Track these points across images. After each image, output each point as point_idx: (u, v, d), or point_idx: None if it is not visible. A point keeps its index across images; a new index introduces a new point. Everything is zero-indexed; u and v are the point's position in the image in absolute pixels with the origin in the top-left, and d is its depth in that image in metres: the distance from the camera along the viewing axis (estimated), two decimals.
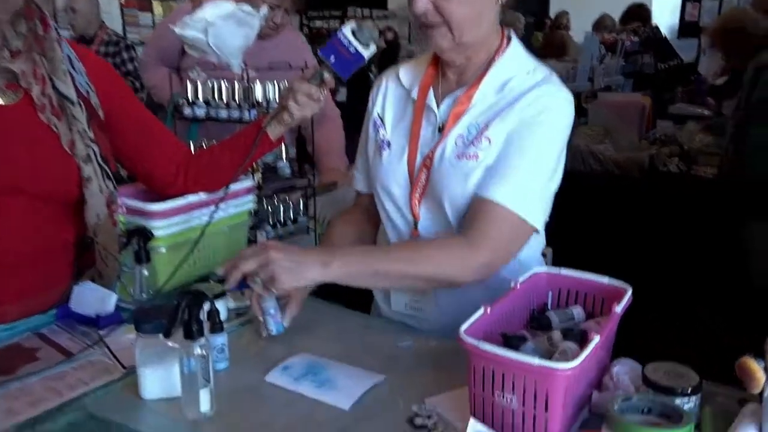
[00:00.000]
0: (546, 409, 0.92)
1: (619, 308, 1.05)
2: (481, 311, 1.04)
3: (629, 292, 1.11)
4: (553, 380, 0.90)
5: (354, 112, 2.09)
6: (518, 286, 1.15)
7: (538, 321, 1.16)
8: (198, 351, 1.02)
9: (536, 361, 0.90)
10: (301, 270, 1.16)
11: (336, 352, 1.25)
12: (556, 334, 1.02)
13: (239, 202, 1.62)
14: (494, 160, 1.28)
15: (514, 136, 1.28)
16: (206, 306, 1.08)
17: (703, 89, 4.51)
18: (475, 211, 1.27)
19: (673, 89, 4.69)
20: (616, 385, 1.04)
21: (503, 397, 0.95)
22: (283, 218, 1.88)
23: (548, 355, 0.99)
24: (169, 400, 1.09)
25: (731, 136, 3.22)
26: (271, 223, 1.83)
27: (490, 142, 1.28)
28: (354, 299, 1.48)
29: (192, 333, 1.02)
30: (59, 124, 1.26)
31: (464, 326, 0.99)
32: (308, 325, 1.38)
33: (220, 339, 1.19)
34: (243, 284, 1.20)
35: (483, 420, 0.98)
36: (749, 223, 2.94)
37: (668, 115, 4.17)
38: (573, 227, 1.50)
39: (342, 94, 7.06)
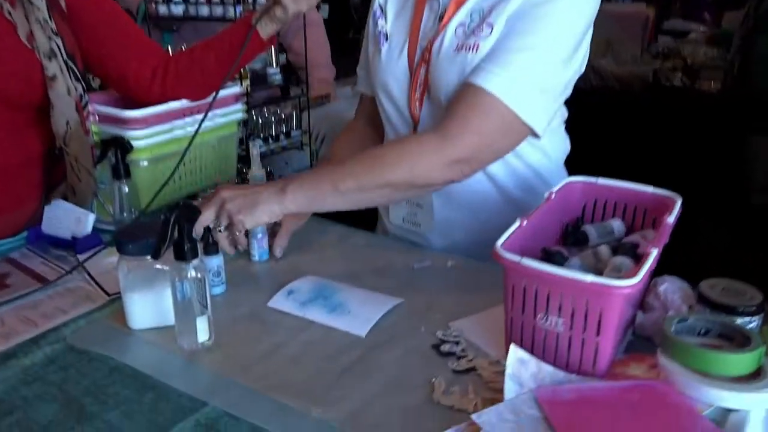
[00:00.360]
0: (598, 332, 0.80)
1: (671, 218, 0.93)
2: (516, 224, 0.91)
3: (679, 202, 0.98)
4: (609, 299, 0.78)
5: (335, 29, 1.89)
6: (554, 196, 1.02)
7: (573, 236, 1.03)
8: (192, 273, 0.89)
9: (589, 278, 0.77)
10: (257, 204, 1.02)
11: (346, 274, 1.12)
12: (604, 249, 0.90)
13: (227, 111, 1.45)
14: (493, 45, 1.08)
15: (518, 16, 1.06)
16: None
17: (702, 1, 4.30)
18: (459, 100, 1.07)
19: (669, 3, 4.45)
20: (665, 304, 0.92)
21: (547, 320, 0.83)
22: (275, 132, 1.72)
23: (596, 272, 0.87)
24: (161, 329, 0.96)
25: (737, 47, 3.08)
26: (261, 136, 1.67)
27: (492, 29, 1.09)
28: (358, 218, 1.34)
29: (184, 253, 0.87)
30: (14, 12, 1.07)
31: (500, 241, 0.86)
32: (312, 246, 1.24)
33: (216, 260, 1.05)
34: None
35: (522, 346, 0.86)
36: (752, 137, 2.85)
37: (662, 30, 3.96)
38: (572, 145, 1.34)
39: (324, 11, 6.70)
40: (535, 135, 1.10)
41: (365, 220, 1.39)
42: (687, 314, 0.87)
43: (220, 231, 1.03)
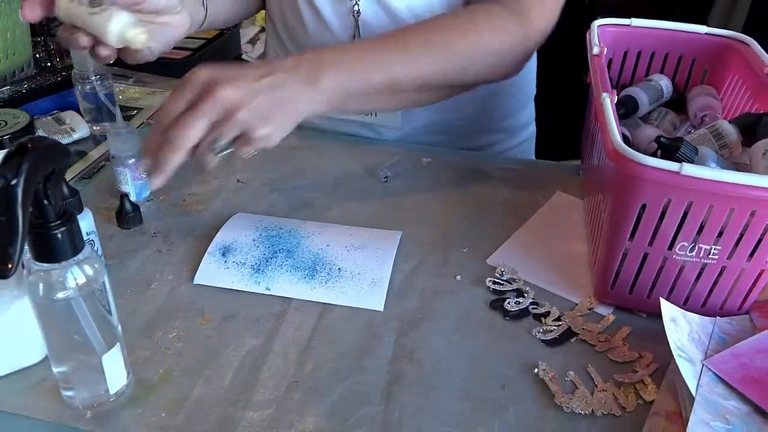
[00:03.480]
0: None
1: None
2: None
3: (756, 46, 0.72)
4: None
5: None
6: (605, 50, 0.69)
7: (622, 104, 0.74)
8: (77, 279, 0.44)
9: None
10: (285, 103, 0.57)
11: (292, 201, 0.72)
12: (726, 126, 0.61)
13: None
14: None
15: None
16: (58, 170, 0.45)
17: None
18: None
19: None
20: None
21: (694, 248, 0.54)
22: None
23: (724, 160, 0.59)
24: (23, 374, 0.51)
25: None
26: None
27: None
28: None
29: (57, 248, 0.42)
30: None
31: (614, 133, 0.53)
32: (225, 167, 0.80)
33: (84, 224, 0.58)
34: None
35: (634, 285, 0.58)
36: None
37: None
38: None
39: None
40: None
41: None
42: None
43: (222, 156, 0.57)
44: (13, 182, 0.37)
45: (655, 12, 0.91)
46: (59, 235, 0.41)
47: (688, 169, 0.49)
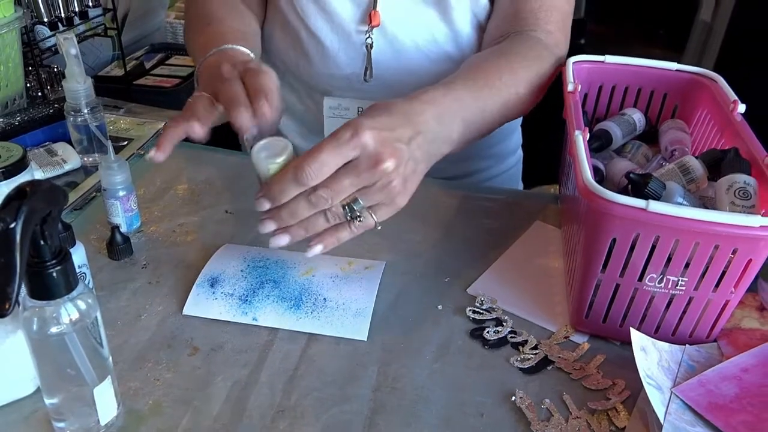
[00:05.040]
0: (735, 288, 0.57)
1: (741, 108, 0.69)
2: None
3: (722, 83, 0.75)
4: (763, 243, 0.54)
5: None
6: (579, 86, 0.72)
7: (597, 137, 0.77)
8: (71, 315, 0.46)
9: (756, 219, 0.51)
10: (419, 174, 0.60)
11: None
12: (692, 162, 0.64)
13: None
14: None
15: None
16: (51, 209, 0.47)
17: None
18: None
19: None
20: None
21: (662, 280, 0.57)
22: (64, 12, 1.14)
23: (690, 195, 0.62)
24: (15, 407, 0.53)
25: None
26: (47, 19, 1.09)
27: None
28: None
29: (52, 286, 0.44)
30: None
31: (585, 172, 0.56)
32: (194, 193, 0.82)
33: (76, 257, 0.60)
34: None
35: (608, 314, 0.60)
36: None
37: None
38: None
39: None
40: None
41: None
42: None
43: (358, 221, 0.56)
44: (12, 225, 0.39)
45: (638, 41, 0.95)
46: (54, 274, 0.43)
47: (655, 206, 0.52)
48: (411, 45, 0.84)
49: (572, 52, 0.82)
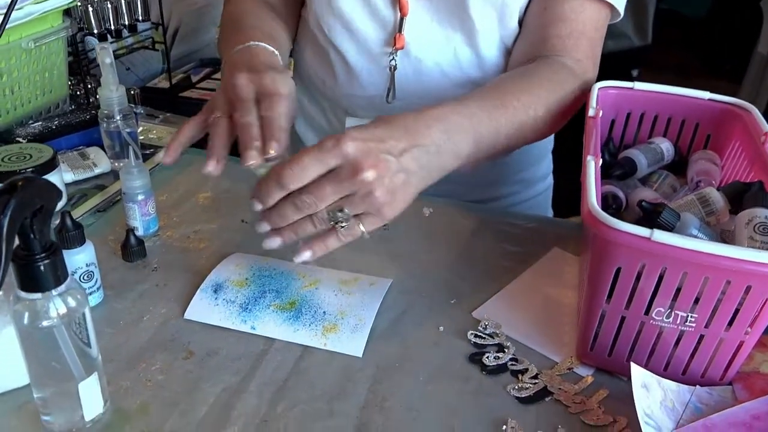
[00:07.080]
0: (750, 327, 0.53)
1: None
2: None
3: (758, 114, 0.72)
4: None
5: None
6: (601, 113, 0.70)
7: (620, 165, 0.74)
8: (59, 309, 0.47)
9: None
10: (410, 188, 0.58)
11: (292, 248, 0.74)
12: (713, 193, 0.61)
13: None
14: None
15: None
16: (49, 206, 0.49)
17: None
18: (551, 20, 0.79)
19: None
20: None
21: (670, 314, 0.54)
22: (114, 25, 1.19)
23: (709, 228, 0.59)
24: (6, 396, 0.54)
25: None
26: (97, 31, 1.14)
27: None
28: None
29: (40, 278, 0.45)
30: None
31: (591, 196, 0.54)
32: (213, 205, 0.83)
33: (83, 256, 0.62)
34: None
35: (614, 348, 0.57)
36: None
37: None
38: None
39: None
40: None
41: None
42: None
43: (341, 227, 0.56)
44: (2, 220, 0.41)
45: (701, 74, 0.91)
46: (42, 267, 0.44)
47: (659, 235, 0.50)
48: (435, 68, 0.83)
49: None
